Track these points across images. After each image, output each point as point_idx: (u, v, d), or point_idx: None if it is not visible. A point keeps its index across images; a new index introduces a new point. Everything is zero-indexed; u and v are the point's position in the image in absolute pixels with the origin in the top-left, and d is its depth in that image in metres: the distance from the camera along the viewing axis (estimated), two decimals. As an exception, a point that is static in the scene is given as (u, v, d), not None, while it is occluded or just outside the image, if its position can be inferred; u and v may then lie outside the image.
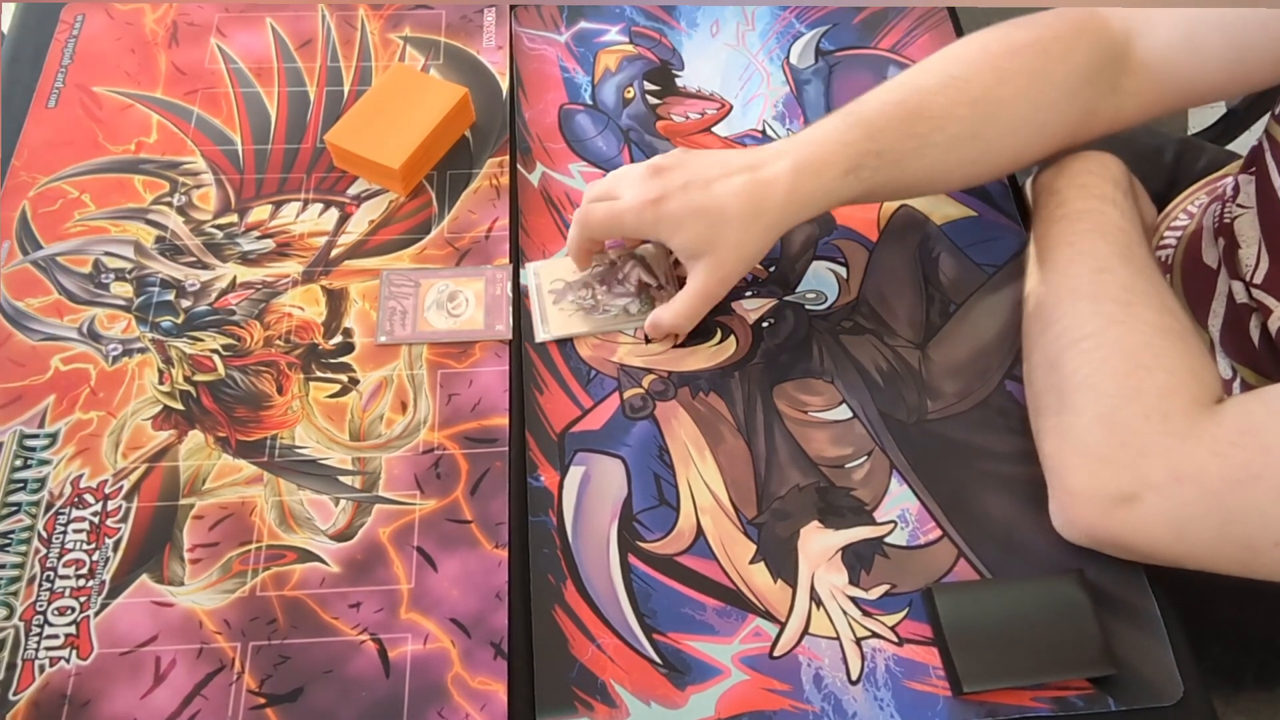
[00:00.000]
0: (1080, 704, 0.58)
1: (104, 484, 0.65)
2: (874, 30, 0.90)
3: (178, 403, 0.68)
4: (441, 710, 0.57)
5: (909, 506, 0.65)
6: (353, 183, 0.79)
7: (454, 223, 0.77)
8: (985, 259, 0.76)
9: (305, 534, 0.63)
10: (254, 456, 0.66)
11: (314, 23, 0.88)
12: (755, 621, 0.61)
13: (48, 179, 0.78)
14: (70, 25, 0.88)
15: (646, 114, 0.84)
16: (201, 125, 0.82)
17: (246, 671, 0.58)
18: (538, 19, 0.90)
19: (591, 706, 0.58)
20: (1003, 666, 0.58)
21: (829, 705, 0.58)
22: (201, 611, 0.60)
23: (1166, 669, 0.59)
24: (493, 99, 0.84)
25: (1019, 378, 0.70)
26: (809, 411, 0.69)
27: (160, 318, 0.72)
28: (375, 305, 0.72)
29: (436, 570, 0.62)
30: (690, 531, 0.64)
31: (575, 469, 0.66)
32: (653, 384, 0.70)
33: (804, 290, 0.74)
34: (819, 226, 0.77)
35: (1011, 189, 0.80)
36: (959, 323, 0.73)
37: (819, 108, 0.84)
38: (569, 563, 0.62)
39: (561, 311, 0.72)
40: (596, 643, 0.60)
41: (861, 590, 0.62)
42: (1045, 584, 0.61)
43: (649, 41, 0.88)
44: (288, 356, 0.70)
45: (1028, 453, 0.66)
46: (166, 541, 0.63)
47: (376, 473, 0.65)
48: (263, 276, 0.74)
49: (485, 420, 0.68)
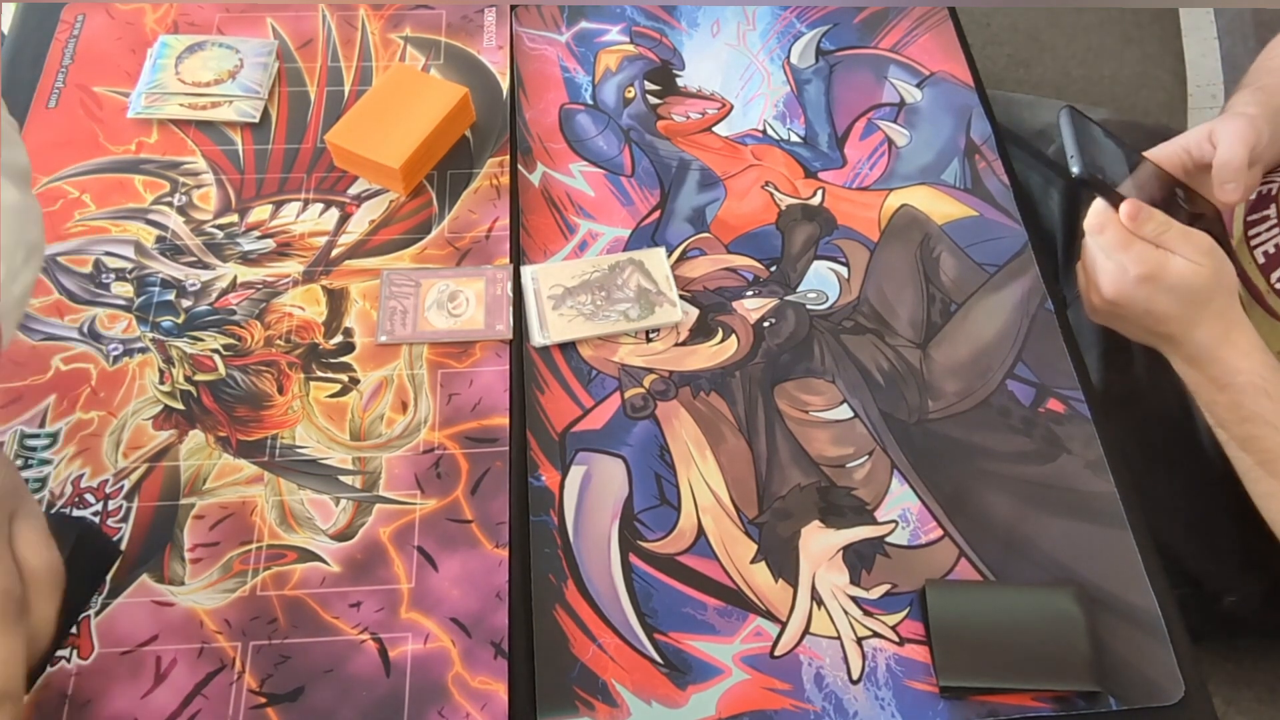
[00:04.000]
0: (1081, 704, 0.58)
1: (104, 484, 0.65)
2: (874, 30, 0.90)
3: (178, 402, 0.68)
4: (442, 710, 0.57)
5: (910, 506, 0.65)
6: (353, 182, 0.79)
7: (454, 222, 0.77)
8: (986, 259, 0.76)
9: (306, 534, 0.63)
10: (254, 456, 0.66)
11: (314, 23, 0.88)
12: (756, 621, 0.61)
13: (48, 179, 0.78)
14: (70, 25, 0.88)
15: (647, 114, 0.84)
16: (202, 125, 0.82)
17: (247, 671, 0.58)
18: (538, 19, 0.90)
19: (592, 706, 0.58)
20: (983, 666, 0.58)
21: (830, 705, 0.58)
22: (202, 611, 0.60)
23: (1167, 669, 0.59)
24: (493, 99, 0.84)
25: (1019, 377, 0.70)
26: (810, 411, 0.69)
27: (161, 318, 0.72)
28: (376, 305, 0.72)
29: (437, 570, 0.62)
30: (691, 531, 0.64)
31: (576, 468, 0.66)
32: (654, 383, 0.70)
33: (805, 290, 0.74)
34: (820, 226, 0.77)
35: (1012, 189, 0.80)
36: (960, 322, 0.73)
37: (819, 107, 0.84)
38: (570, 562, 0.62)
39: (561, 317, 0.72)
40: (597, 642, 0.60)
41: (862, 590, 0.62)
42: (1040, 592, 0.61)
43: (649, 41, 0.89)
44: (288, 356, 0.70)
45: (1028, 453, 0.66)
46: (167, 541, 0.63)
47: (377, 472, 0.65)
48: (263, 276, 0.74)
49: (486, 420, 0.68)
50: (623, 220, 0.78)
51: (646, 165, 0.81)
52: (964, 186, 0.80)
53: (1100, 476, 0.66)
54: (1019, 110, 0.98)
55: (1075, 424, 0.68)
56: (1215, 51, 1.63)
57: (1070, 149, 0.65)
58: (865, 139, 0.83)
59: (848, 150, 0.82)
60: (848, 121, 0.84)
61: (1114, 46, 1.69)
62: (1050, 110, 0.99)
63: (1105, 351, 0.84)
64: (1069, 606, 0.60)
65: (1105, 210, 0.65)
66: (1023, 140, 0.96)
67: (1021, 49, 1.68)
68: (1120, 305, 0.66)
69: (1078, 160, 0.64)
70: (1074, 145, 0.64)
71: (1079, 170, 0.64)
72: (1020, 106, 1.00)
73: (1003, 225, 0.78)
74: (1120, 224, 0.64)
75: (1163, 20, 1.71)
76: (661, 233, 0.77)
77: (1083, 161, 0.64)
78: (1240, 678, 0.88)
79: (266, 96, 0.83)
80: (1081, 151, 0.64)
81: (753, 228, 0.77)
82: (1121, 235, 0.64)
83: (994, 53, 1.67)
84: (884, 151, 0.82)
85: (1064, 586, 0.61)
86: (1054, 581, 0.62)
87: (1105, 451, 0.67)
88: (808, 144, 0.82)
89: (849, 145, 0.82)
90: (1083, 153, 0.64)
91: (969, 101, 0.85)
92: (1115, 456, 0.67)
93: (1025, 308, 0.74)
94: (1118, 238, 0.64)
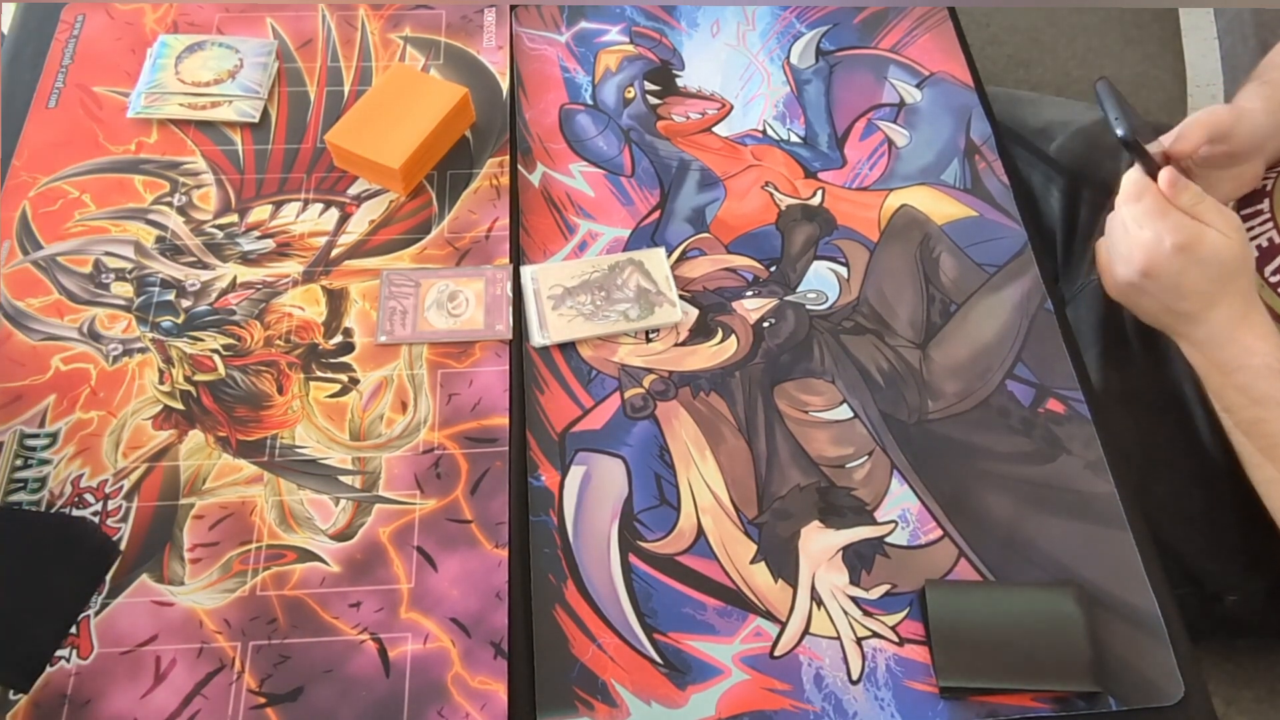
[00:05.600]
0: (1081, 704, 0.58)
1: (104, 483, 0.65)
2: (874, 30, 0.90)
3: (178, 402, 0.68)
4: (442, 710, 0.57)
5: (909, 506, 0.65)
6: (353, 183, 0.79)
7: (454, 223, 0.77)
8: (985, 259, 0.76)
9: (305, 533, 0.63)
10: (254, 456, 0.66)
11: (314, 23, 0.88)
12: (756, 621, 0.61)
13: (48, 179, 0.78)
14: (70, 25, 0.88)
15: (647, 114, 0.84)
16: (202, 125, 0.82)
17: (246, 671, 0.58)
18: (538, 19, 0.90)
19: (592, 706, 0.58)
20: (983, 667, 0.58)
21: (829, 705, 0.58)
22: (201, 611, 0.60)
23: (1167, 669, 0.59)
24: (493, 99, 0.84)
25: (1019, 377, 0.70)
26: (810, 411, 0.69)
27: (160, 318, 0.72)
28: (375, 305, 0.72)
29: (436, 570, 0.62)
30: (691, 531, 0.64)
31: (576, 468, 0.66)
32: (653, 384, 0.70)
33: (805, 290, 0.74)
34: (820, 226, 0.77)
35: (1013, 187, 0.80)
36: (959, 323, 0.73)
37: (819, 108, 0.84)
38: (570, 562, 0.62)
39: (561, 317, 0.72)
40: (597, 642, 0.60)
41: (862, 590, 0.62)
42: (1040, 592, 0.61)
43: (649, 41, 0.88)
44: (288, 356, 0.70)
45: (1028, 453, 0.66)
46: (167, 541, 0.63)
47: (377, 472, 0.65)
48: (263, 276, 0.74)
49: (485, 420, 0.68)
50: (622, 220, 0.78)
51: (646, 165, 0.81)
52: (964, 187, 0.80)
53: (1100, 476, 0.66)
54: (1020, 108, 0.98)
55: (1075, 424, 0.68)
56: (1215, 51, 1.63)
57: (1114, 112, 0.65)
58: (865, 139, 0.83)
59: (847, 150, 0.82)
60: (848, 122, 0.84)
61: (1114, 46, 1.69)
62: (1051, 108, 0.99)
63: (1104, 350, 0.84)
64: (1069, 606, 0.60)
65: (1142, 178, 0.65)
66: (1024, 138, 0.96)
67: (1021, 49, 1.68)
68: (1151, 276, 0.65)
69: (1123, 123, 0.64)
70: (1117, 109, 0.65)
71: (1124, 132, 0.64)
72: (1022, 104, 1.00)
73: (1002, 225, 0.78)
74: (1158, 192, 0.64)
75: (1163, 20, 1.71)
76: (661, 233, 0.77)
77: (1128, 124, 0.64)
78: (1240, 678, 0.88)
79: (266, 96, 0.83)
80: (1125, 115, 0.65)
81: (752, 228, 0.77)
82: (1160, 203, 0.64)
83: (994, 53, 1.67)
84: (884, 152, 0.82)
85: (1064, 586, 0.61)
86: (1054, 581, 0.62)
87: (1105, 451, 0.67)
88: (807, 144, 0.82)
89: (849, 145, 0.82)
90: (1126, 117, 0.65)
91: (969, 102, 0.85)
92: (1115, 456, 0.67)
93: (1025, 308, 0.73)
94: (1155, 205, 0.64)
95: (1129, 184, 0.65)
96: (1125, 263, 0.67)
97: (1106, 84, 0.67)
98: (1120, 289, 0.69)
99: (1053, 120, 0.96)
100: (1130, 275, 0.66)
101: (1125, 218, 0.67)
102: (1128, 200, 0.66)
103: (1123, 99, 0.67)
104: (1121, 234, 0.67)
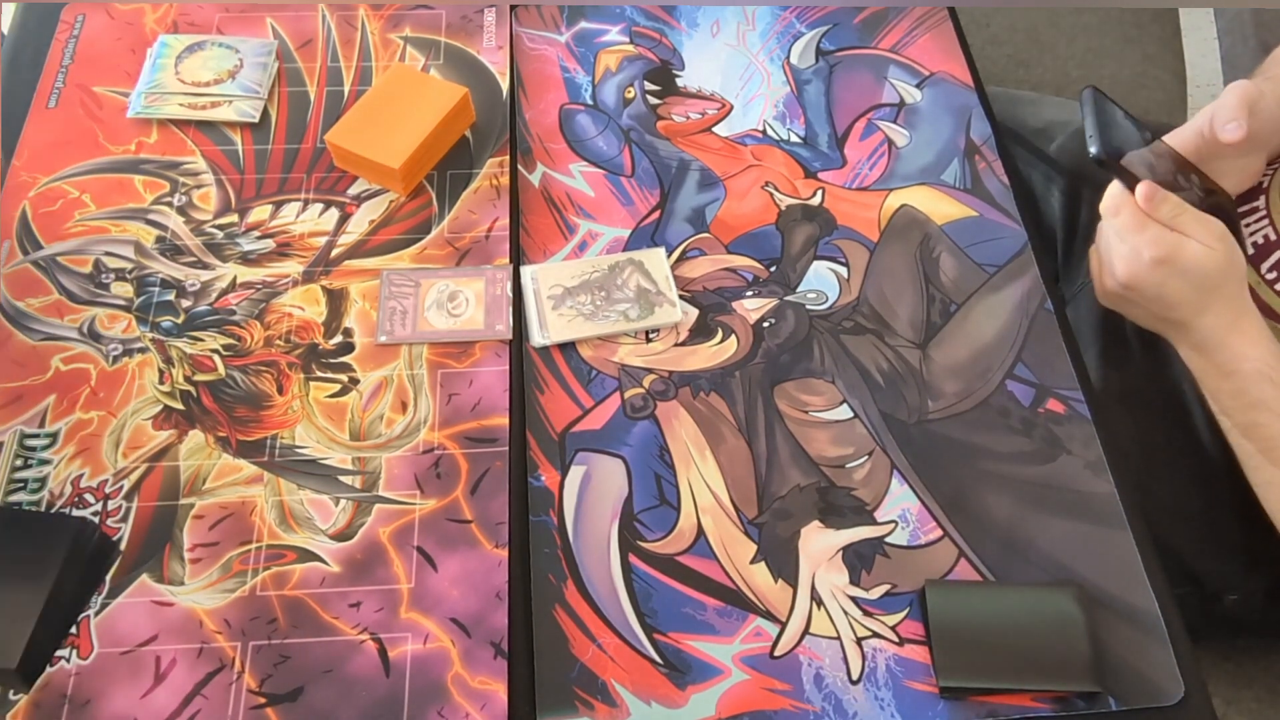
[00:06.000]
0: (1081, 704, 0.58)
1: (104, 484, 0.65)
2: (874, 30, 0.90)
3: (178, 402, 0.68)
4: (442, 710, 0.57)
5: (909, 506, 0.65)
6: (353, 183, 0.79)
7: (454, 223, 0.77)
8: (985, 259, 0.76)
9: (305, 534, 0.63)
10: (254, 456, 0.66)
11: (314, 23, 0.88)
12: (756, 621, 0.61)
13: (48, 179, 0.78)
14: (70, 25, 0.88)
15: (647, 114, 0.84)
16: (202, 125, 0.82)
17: (246, 671, 0.58)
18: (538, 19, 0.90)
19: (592, 706, 0.58)
20: (983, 667, 0.58)
21: (829, 705, 0.58)
22: (201, 611, 0.60)
23: (1167, 669, 0.59)
24: (493, 99, 0.84)
25: (1019, 377, 0.70)
26: (810, 411, 0.69)
27: (160, 318, 0.72)
28: (375, 305, 0.72)
29: (436, 570, 0.62)
30: (691, 531, 0.64)
31: (576, 468, 0.66)
32: (653, 384, 0.70)
33: (805, 290, 0.74)
34: (820, 226, 0.77)
35: (1013, 187, 0.80)
36: (959, 323, 0.73)
37: (819, 108, 0.84)
38: (570, 562, 0.62)
39: (561, 317, 0.72)
40: (597, 642, 0.60)
41: (862, 590, 0.62)
42: (1040, 593, 0.61)
43: (649, 41, 0.88)
44: (288, 356, 0.70)
45: (1028, 453, 0.66)
46: (167, 541, 0.63)
47: (376, 472, 0.65)
48: (263, 276, 0.74)
49: (485, 420, 0.68)
50: (622, 220, 0.78)
51: (646, 165, 0.81)
52: (964, 187, 0.80)
53: (1100, 476, 0.66)
54: (1021, 107, 0.98)
55: (1075, 424, 0.68)
56: (1215, 51, 1.63)
57: (1090, 129, 0.65)
58: (865, 139, 0.83)
59: (847, 150, 0.82)
60: (848, 122, 0.84)
61: (1114, 46, 1.69)
62: (1052, 108, 0.99)
63: (1104, 349, 0.84)
64: (1069, 607, 0.60)
65: (1121, 193, 0.65)
66: (1024, 138, 0.96)
67: (1021, 49, 1.68)
68: (1133, 289, 0.65)
69: (1096, 140, 0.64)
70: (1094, 125, 0.65)
71: (1096, 150, 0.64)
72: (1022, 103, 1.00)
73: (1002, 225, 0.78)
74: (1135, 206, 0.64)
75: (1163, 20, 1.71)
76: (661, 233, 0.77)
77: (1101, 142, 0.64)
78: (1240, 678, 0.88)
79: (266, 96, 0.83)
80: (1100, 132, 0.64)
81: (752, 228, 0.77)
82: (1136, 217, 0.64)
83: (994, 53, 1.67)
84: (884, 152, 0.82)
85: (1064, 587, 0.61)
86: (1054, 582, 0.62)
87: (1105, 451, 0.67)
88: (807, 144, 0.82)
89: (849, 145, 0.82)
90: (1101, 133, 0.64)
91: (969, 102, 0.85)
92: (1115, 456, 0.67)
93: (1025, 308, 0.73)
94: (1133, 220, 0.64)
95: (1108, 198, 0.66)
96: (1109, 275, 0.67)
97: (1091, 94, 0.66)
98: (1109, 298, 0.69)
99: (1053, 120, 0.96)
100: (1115, 287, 0.67)
101: (1106, 231, 0.67)
102: (1107, 214, 0.66)
103: (1108, 108, 0.66)
104: (1106, 246, 0.68)
